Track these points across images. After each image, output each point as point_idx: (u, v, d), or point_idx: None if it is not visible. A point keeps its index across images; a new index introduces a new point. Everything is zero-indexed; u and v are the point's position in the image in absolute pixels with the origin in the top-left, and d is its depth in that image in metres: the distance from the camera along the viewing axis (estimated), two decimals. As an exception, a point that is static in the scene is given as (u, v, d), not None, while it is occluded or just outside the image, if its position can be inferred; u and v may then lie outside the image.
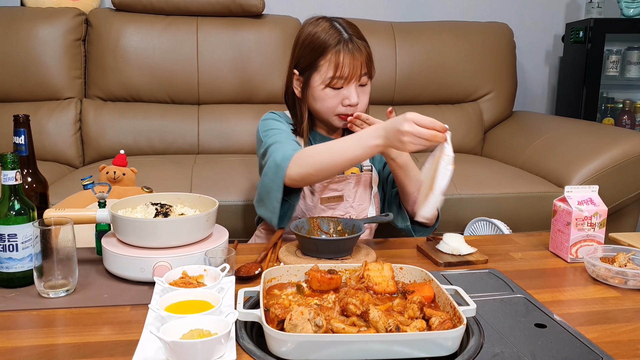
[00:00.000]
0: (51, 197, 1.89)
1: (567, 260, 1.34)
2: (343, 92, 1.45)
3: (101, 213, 1.19)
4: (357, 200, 1.55)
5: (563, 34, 3.30)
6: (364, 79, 1.46)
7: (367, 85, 1.48)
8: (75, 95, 2.61)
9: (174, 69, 2.62)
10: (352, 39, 1.43)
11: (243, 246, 1.43)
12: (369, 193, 1.57)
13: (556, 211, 1.37)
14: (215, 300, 0.94)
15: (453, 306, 0.91)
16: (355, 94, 1.45)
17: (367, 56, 1.45)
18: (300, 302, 0.97)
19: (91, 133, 2.54)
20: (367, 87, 1.49)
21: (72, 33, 2.58)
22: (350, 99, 1.45)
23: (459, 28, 2.92)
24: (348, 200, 1.53)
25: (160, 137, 2.56)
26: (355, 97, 1.45)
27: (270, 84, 2.70)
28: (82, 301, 1.07)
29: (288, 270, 1.07)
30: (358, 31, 1.47)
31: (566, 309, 1.07)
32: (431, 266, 1.30)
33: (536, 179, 2.29)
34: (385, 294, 1.02)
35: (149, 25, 2.62)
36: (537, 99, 3.44)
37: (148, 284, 1.13)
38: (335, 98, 1.46)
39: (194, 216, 1.17)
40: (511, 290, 1.14)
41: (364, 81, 1.46)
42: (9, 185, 1.09)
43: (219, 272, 1.05)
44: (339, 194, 1.53)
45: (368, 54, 1.45)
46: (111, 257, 1.15)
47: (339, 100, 1.46)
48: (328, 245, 1.27)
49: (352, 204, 1.55)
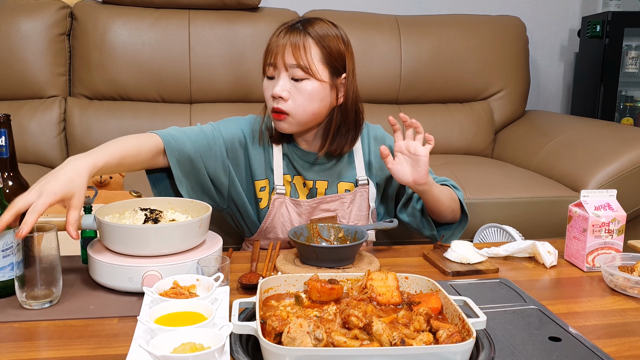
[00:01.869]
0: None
1: (583, 270, 1.34)
2: (274, 83, 1.41)
3: (87, 219, 1.19)
4: (353, 219, 1.52)
5: (579, 28, 3.31)
6: (297, 72, 1.37)
7: (303, 82, 1.38)
8: (59, 93, 2.61)
9: (165, 65, 2.62)
10: (295, 27, 1.39)
11: (238, 254, 1.43)
12: (365, 211, 1.54)
13: (571, 217, 1.37)
14: (209, 312, 0.94)
15: (462, 318, 0.91)
16: (280, 84, 1.38)
17: (302, 47, 1.36)
18: (299, 314, 0.97)
19: (76, 134, 2.55)
20: (303, 84, 1.38)
21: (56, 27, 2.59)
22: (275, 88, 1.39)
23: (468, 22, 2.93)
24: (342, 220, 1.51)
25: (149, 138, 2.56)
26: (278, 87, 1.38)
27: (266, 81, 2.70)
28: (67, 313, 1.07)
29: (286, 279, 1.07)
30: (321, 28, 1.40)
31: (582, 321, 1.07)
32: (438, 275, 1.30)
33: (550, 183, 2.30)
34: (389, 305, 1.02)
35: (137, 18, 2.63)
36: (551, 97, 3.45)
37: (137, 295, 1.13)
38: (268, 89, 1.43)
39: (186, 222, 1.17)
40: (523, 301, 1.14)
41: (297, 75, 1.37)
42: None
43: (212, 282, 1.05)
44: (331, 214, 1.51)
45: (305, 46, 1.37)
46: (97, 266, 1.15)
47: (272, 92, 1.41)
48: (329, 253, 1.28)
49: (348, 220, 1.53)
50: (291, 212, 1.50)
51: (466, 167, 2.44)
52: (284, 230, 1.51)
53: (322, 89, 1.40)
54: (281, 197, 1.50)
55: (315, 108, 1.41)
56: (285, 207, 1.50)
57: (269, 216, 1.50)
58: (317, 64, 1.38)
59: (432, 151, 1.42)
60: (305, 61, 1.37)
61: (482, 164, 2.54)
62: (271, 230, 1.52)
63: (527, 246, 1.39)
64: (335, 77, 1.42)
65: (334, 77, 1.42)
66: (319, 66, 1.38)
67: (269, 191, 1.52)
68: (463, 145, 2.82)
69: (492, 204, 2.15)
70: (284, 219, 1.50)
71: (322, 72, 1.39)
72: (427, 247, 1.47)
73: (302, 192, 1.53)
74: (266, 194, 1.52)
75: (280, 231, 1.51)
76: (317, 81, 1.39)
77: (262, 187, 1.52)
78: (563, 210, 1.82)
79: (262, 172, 1.52)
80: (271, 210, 1.50)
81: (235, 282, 1.20)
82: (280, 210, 1.50)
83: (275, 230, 1.52)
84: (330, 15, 2.72)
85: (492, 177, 2.30)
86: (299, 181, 1.52)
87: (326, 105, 1.43)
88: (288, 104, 1.39)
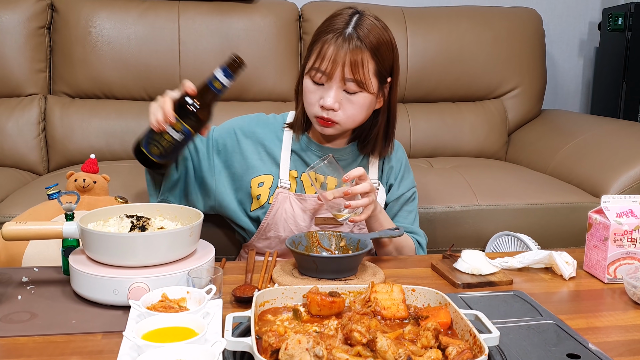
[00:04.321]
0: (11, 209, 1.90)
1: (604, 281, 1.34)
2: (323, 90, 1.46)
3: (68, 227, 1.19)
4: (361, 222, 1.55)
5: (599, 20, 3.32)
6: (352, 87, 1.43)
7: (356, 95, 1.45)
8: (38, 91, 2.61)
9: (152, 61, 2.63)
10: (351, 37, 1.41)
11: (231, 264, 1.43)
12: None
13: (591, 224, 1.38)
14: (200, 327, 0.94)
15: (473, 334, 0.91)
16: (333, 96, 1.44)
17: (360, 62, 1.41)
18: (298, 329, 0.97)
19: (57, 135, 2.55)
20: (355, 97, 1.45)
21: (35, 20, 2.59)
22: (325, 99, 1.44)
23: (480, 14, 2.94)
24: (349, 222, 1.53)
25: (136, 140, 2.57)
26: (331, 99, 1.43)
27: (263, 78, 2.71)
28: (47, 328, 1.07)
29: (283, 292, 1.07)
30: (375, 36, 1.43)
31: (603, 337, 1.08)
32: (448, 288, 1.30)
33: (568, 188, 2.30)
34: (395, 319, 1.03)
35: (123, 10, 2.64)
36: (569, 95, 3.45)
37: (122, 309, 1.13)
38: (314, 94, 1.47)
39: (175, 230, 1.17)
40: (540, 315, 1.15)
41: (350, 88, 1.43)
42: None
43: (204, 295, 1.05)
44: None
45: (362, 61, 1.41)
46: (80, 278, 1.15)
47: (318, 99, 1.47)
48: (329, 264, 1.28)
49: (352, 229, 1.57)
50: (295, 208, 1.53)
51: (478, 170, 2.44)
52: (286, 227, 1.53)
53: (371, 100, 1.49)
54: (285, 192, 1.53)
55: (363, 117, 1.51)
56: (289, 203, 1.53)
57: (271, 212, 1.53)
58: (371, 77, 1.45)
59: (441, 154, 1.44)
60: (362, 76, 1.43)
61: (494, 168, 2.54)
62: (272, 227, 1.55)
63: (543, 257, 1.39)
64: (382, 85, 1.50)
65: (381, 86, 1.49)
66: (372, 79, 1.46)
67: (271, 186, 1.55)
68: (474, 147, 2.82)
69: (505, 210, 2.15)
70: (287, 215, 1.53)
71: (374, 84, 1.46)
72: (435, 257, 1.47)
73: (309, 189, 1.57)
74: (266, 189, 1.55)
75: (282, 229, 1.54)
76: (369, 94, 1.46)
77: (260, 182, 1.55)
78: (582, 218, 1.82)
79: (262, 168, 1.56)
80: (273, 206, 1.53)
81: (228, 295, 1.21)
82: (284, 205, 1.53)
83: (276, 228, 1.55)
84: (332, 7, 2.73)
85: (505, 182, 2.31)
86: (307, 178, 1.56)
87: (371, 111, 1.52)
88: (338, 114, 1.46)
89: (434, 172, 2.42)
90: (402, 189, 1.63)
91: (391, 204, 1.63)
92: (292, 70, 2.74)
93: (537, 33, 2.98)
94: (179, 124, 1.29)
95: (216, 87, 1.33)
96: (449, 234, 2.11)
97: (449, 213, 2.12)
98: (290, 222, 1.54)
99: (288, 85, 2.72)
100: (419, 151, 2.76)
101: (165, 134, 1.30)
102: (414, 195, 1.66)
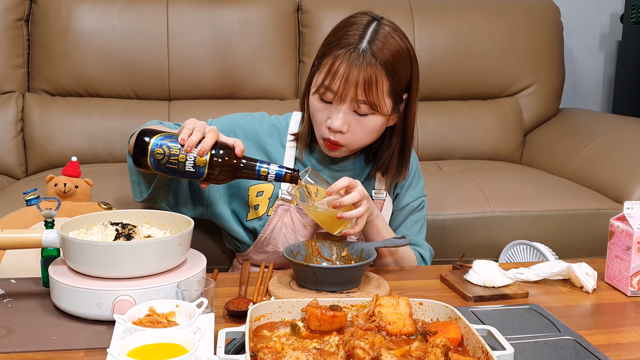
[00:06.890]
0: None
1: (626, 294, 1.34)
2: (331, 110, 1.44)
3: (48, 235, 1.19)
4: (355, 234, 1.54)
5: (622, 12, 3.32)
6: (364, 108, 1.41)
7: (366, 117, 1.43)
8: (15, 88, 2.62)
9: (139, 56, 2.63)
10: (365, 53, 1.39)
11: (224, 276, 1.43)
12: None
13: (613, 233, 1.38)
14: (190, 344, 0.95)
15: (485, 351, 0.91)
16: (342, 119, 1.42)
17: (374, 82, 1.39)
18: (296, 346, 0.97)
19: (36, 135, 2.55)
20: (366, 119, 1.44)
21: (12, 11, 2.59)
22: (333, 120, 1.43)
23: (492, 5, 2.94)
24: (353, 237, 1.53)
25: (121, 141, 2.57)
26: (340, 122, 1.42)
27: (258, 75, 2.71)
28: (25, 344, 1.07)
29: (280, 306, 1.07)
30: (391, 51, 1.40)
31: (626, 354, 1.08)
32: (458, 301, 1.31)
33: (588, 193, 2.30)
34: (401, 335, 1.03)
35: (107, 1, 2.64)
36: (589, 93, 3.46)
37: (106, 324, 1.13)
38: (321, 112, 1.46)
39: (164, 239, 1.17)
40: (557, 330, 1.15)
41: (362, 110, 1.42)
42: None
43: (194, 309, 1.06)
44: None
45: (377, 81, 1.39)
46: (61, 290, 1.16)
47: (325, 118, 1.45)
48: (330, 275, 1.28)
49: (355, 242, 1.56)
50: (296, 222, 1.53)
51: (490, 174, 2.44)
52: (286, 243, 1.53)
53: (383, 122, 1.47)
54: (286, 205, 1.53)
55: (372, 139, 1.50)
56: (289, 216, 1.53)
57: (270, 225, 1.53)
58: (385, 98, 1.43)
59: (451, 156, 1.44)
60: (375, 98, 1.41)
61: (508, 171, 2.55)
62: (271, 241, 1.54)
63: (562, 270, 1.39)
64: (397, 104, 1.48)
65: (396, 106, 1.48)
66: (387, 100, 1.44)
67: (271, 197, 1.54)
68: (487, 148, 2.82)
69: (520, 217, 2.16)
70: (287, 229, 1.53)
71: (388, 106, 1.45)
72: (444, 268, 1.48)
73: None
74: (265, 199, 1.54)
75: (281, 243, 1.54)
76: (381, 116, 1.44)
77: (259, 191, 1.54)
78: (603, 225, 1.82)
79: None
80: (273, 218, 1.53)
81: (221, 309, 1.21)
82: (284, 219, 1.53)
83: (275, 242, 1.54)
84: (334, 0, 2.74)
85: (520, 186, 2.31)
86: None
87: (382, 132, 1.51)
88: (345, 137, 1.45)
89: (443, 175, 2.42)
90: (409, 197, 1.62)
91: (396, 212, 1.63)
92: (290, 66, 2.75)
93: (555, 26, 2.98)
94: (203, 162, 1.26)
95: (260, 173, 1.30)
96: (460, 242, 2.11)
97: (459, 220, 2.12)
98: (290, 237, 1.53)
99: (285, 82, 2.73)
100: (427, 153, 2.76)
101: (182, 155, 1.26)
102: (422, 204, 1.65)
